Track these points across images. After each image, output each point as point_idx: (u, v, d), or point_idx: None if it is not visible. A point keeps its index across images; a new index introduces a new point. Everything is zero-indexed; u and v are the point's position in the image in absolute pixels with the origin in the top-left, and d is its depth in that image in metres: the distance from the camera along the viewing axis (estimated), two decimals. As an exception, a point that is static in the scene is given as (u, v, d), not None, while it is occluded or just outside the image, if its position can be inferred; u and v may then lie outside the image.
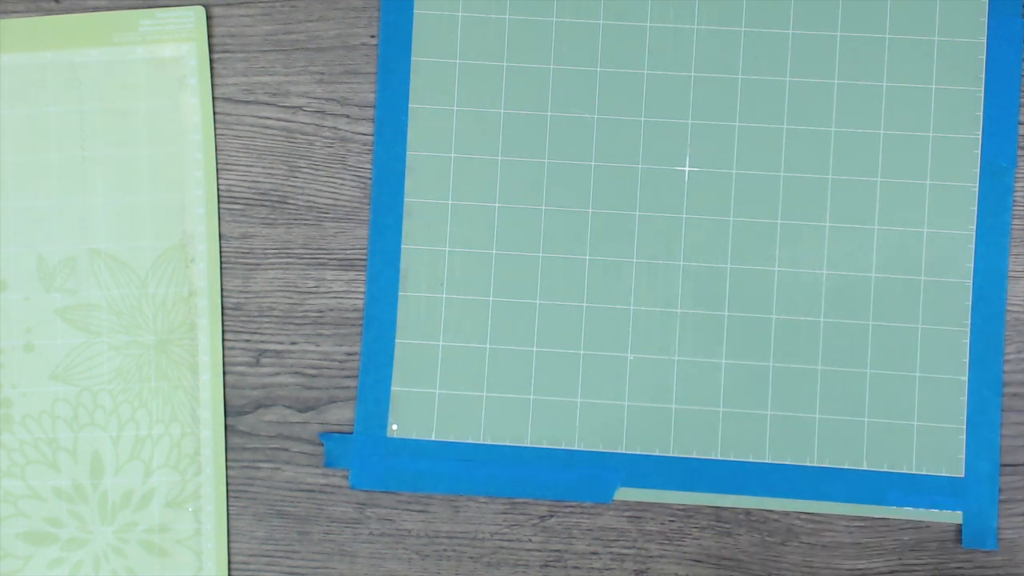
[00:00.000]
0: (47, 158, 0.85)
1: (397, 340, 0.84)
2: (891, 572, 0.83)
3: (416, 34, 0.84)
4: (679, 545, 0.83)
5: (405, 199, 0.84)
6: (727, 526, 0.83)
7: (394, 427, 0.83)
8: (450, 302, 0.84)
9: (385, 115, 0.84)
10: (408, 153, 0.84)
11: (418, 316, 0.84)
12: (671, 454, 0.83)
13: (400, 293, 0.84)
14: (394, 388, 0.84)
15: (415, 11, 0.84)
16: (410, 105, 0.84)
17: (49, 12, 0.85)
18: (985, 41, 0.83)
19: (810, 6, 0.83)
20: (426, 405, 0.84)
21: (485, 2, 0.84)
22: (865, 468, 0.82)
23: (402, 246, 0.84)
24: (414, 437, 0.84)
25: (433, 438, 0.83)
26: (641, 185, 0.83)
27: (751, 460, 0.83)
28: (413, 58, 0.84)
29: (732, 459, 0.83)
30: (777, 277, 0.83)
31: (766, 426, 0.83)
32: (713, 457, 0.83)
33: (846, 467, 0.82)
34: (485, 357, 0.83)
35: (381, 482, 0.84)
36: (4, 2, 0.85)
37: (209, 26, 0.85)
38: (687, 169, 0.83)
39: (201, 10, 0.85)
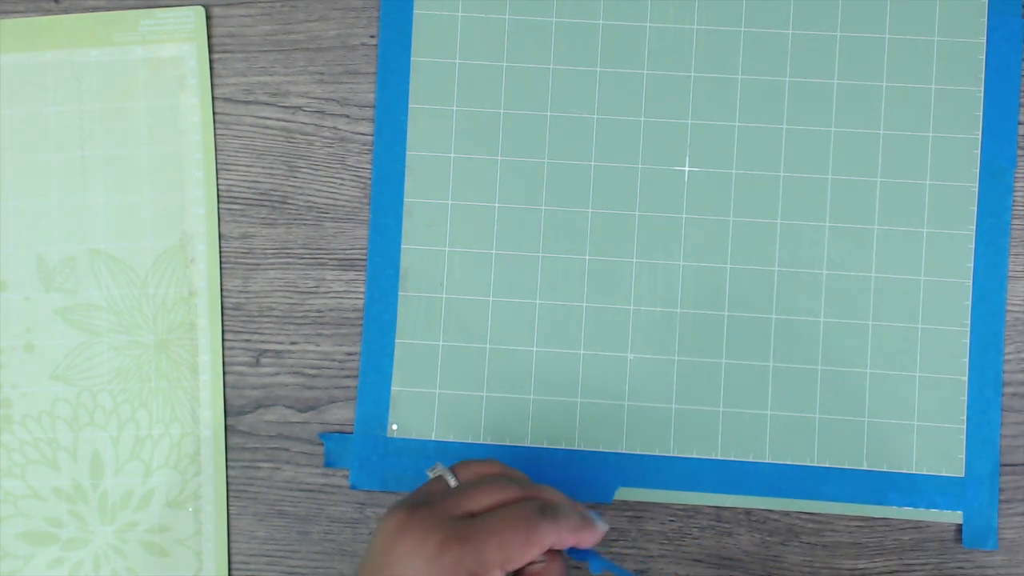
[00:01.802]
0: (47, 158, 0.85)
1: (397, 340, 0.84)
2: (891, 572, 0.83)
3: (416, 34, 0.84)
4: (679, 545, 0.84)
5: (405, 199, 0.84)
6: (727, 526, 0.83)
7: (394, 427, 0.83)
8: (450, 302, 0.84)
9: (385, 115, 0.84)
10: (408, 153, 0.84)
11: (418, 316, 0.84)
12: (671, 454, 0.83)
13: (400, 293, 0.84)
14: (394, 388, 0.84)
15: (415, 11, 0.84)
16: (410, 105, 0.84)
17: (49, 12, 0.85)
18: (985, 41, 0.83)
19: (810, 6, 0.83)
20: (426, 405, 0.84)
21: (485, 2, 0.84)
22: (865, 468, 0.82)
23: (402, 246, 0.84)
24: (414, 437, 0.84)
25: (433, 438, 0.83)
26: (641, 185, 0.83)
27: (751, 460, 0.83)
28: (413, 58, 0.84)
29: (732, 459, 0.83)
30: (777, 277, 0.83)
31: (766, 426, 0.83)
32: (713, 457, 0.83)
33: (846, 467, 0.82)
34: (485, 357, 0.83)
35: (381, 482, 0.84)
36: (4, 2, 0.85)
37: (209, 26, 0.85)
38: (687, 169, 0.83)
39: (201, 10, 0.85)
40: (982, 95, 0.83)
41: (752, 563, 0.83)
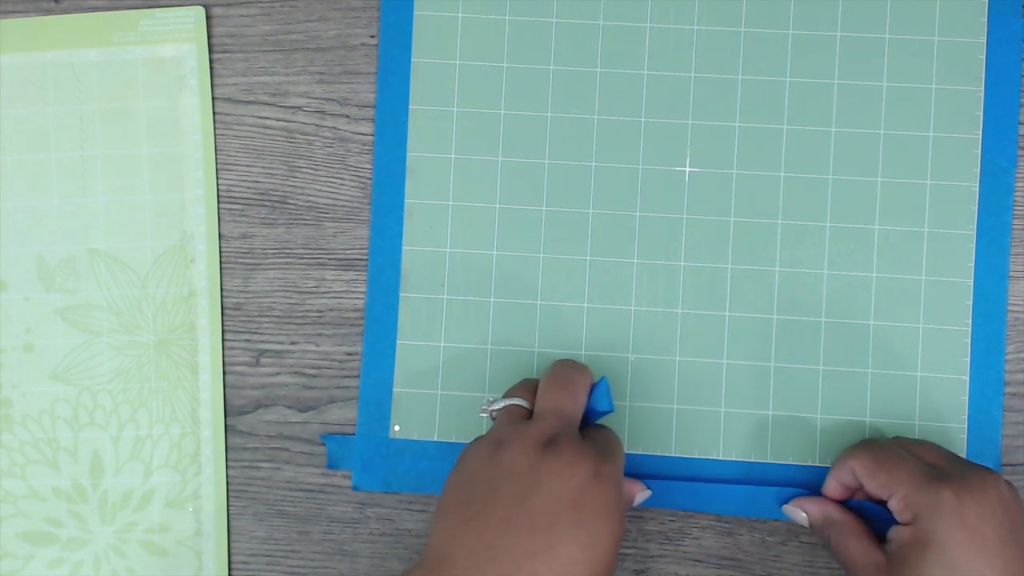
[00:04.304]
0: (47, 158, 0.85)
1: (398, 341, 0.84)
2: (891, 572, 0.83)
3: (416, 35, 0.84)
4: (679, 545, 0.83)
5: (406, 200, 0.84)
6: (727, 526, 0.83)
7: (396, 428, 0.83)
8: (451, 303, 0.84)
9: (385, 116, 0.84)
10: (408, 154, 0.84)
11: (419, 317, 0.84)
12: (672, 454, 0.83)
13: (401, 294, 0.84)
14: (396, 389, 0.83)
15: (415, 12, 0.84)
16: (410, 106, 0.84)
17: (49, 12, 0.85)
18: (985, 41, 0.83)
19: (810, 6, 0.83)
20: (428, 406, 0.84)
21: (485, 3, 0.84)
22: (866, 467, 0.82)
23: (403, 247, 0.84)
24: (416, 438, 0.83)
25: (435, 439, 0.83)
26: (641, 186, 0.83)
27: (753, 460, 0.83)
28: (413, 59, 0.84)
29: (734, 459, 0.83)
30: (778, 277, 0.83)
31: (768, 426, 0.83)
32: (715, 457, 0.83)
33: (846, 466, 0.82)
34: (487, 358, 0.83)
35: (384, 483, 0.83)
36: (4, 2, 0.85)
37: (209, 26, 0.85)
38: (687, 170, 0.83)
39: (201, 10, 0.85)
40: (982, 95, 0.83)
41: (752, 563, 0.83)
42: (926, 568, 0.69)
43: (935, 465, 0.74)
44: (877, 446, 0.77)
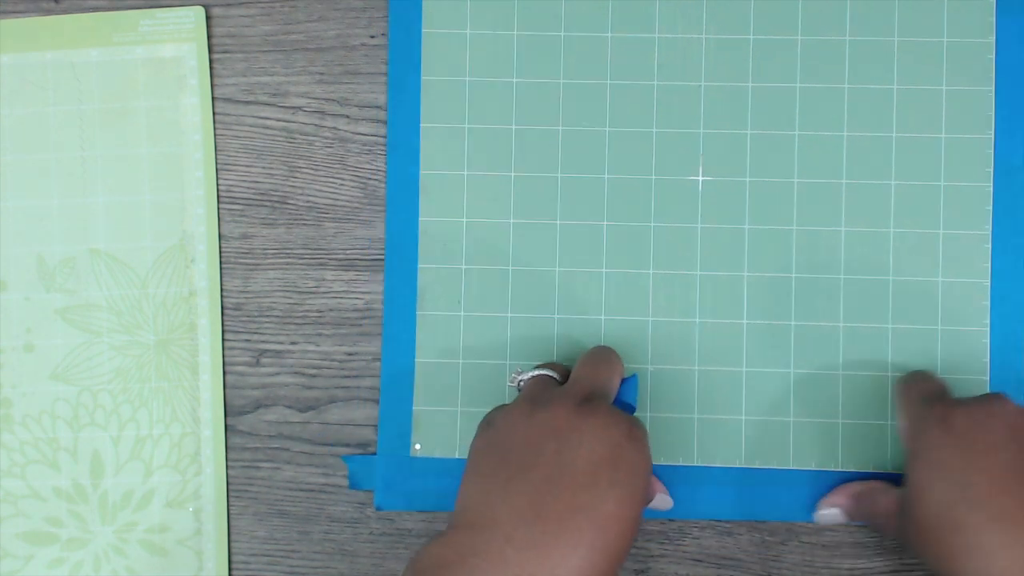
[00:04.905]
0: (47, 158, 0.84)
1: (417, 359, 0.83)
2: (891, 572, 0.83)
3: (425, 53, 0.84)
4: (679, 545, 0.84)
5: (420, 218, 0.84)
6: (727, 526, 0.83)
7: (417, 447, 0.83)
8: (468, 319, 0.83)
9: (397, 134, 0.84)
10: (421, 172, 0.84)
11: (437, 334, 0.83)
12: (695, 463, 0.83)
13: (418, 312, 0.83)
14: (416, 408, 0.83)
15: (424, 30, 0.84)
16: (422, 125, 0.84)
17: (49, 12, 0.85)
18: (994, 40, 0.83)
19: (818, 11, 0.83)
20: (448, 423, 0.83)
21: (493, 19, 0.84)
22: (890, 471, 0.82)
23: (419, 265, 0.83)
24: (438, 456, 0.83)
25: (457, 456, 0.83)
26: (655, 196, 0.83)
27: (775, 467, 0.82)
28: (423, 77, 0.84)
29: (757, 467, 0.83)
30: (795, 283, 0.82)
31: (789, 432, 0.82)
32: (737, 465, 0.83)
33: (870, 470, 0.82)
34: (506, 373, 0.83)
35: (406, 502, 0.83)
36: (4, 2, 0.85)
37: (209, 26, 0.85)
38: (700, 178, 0.83)
39: (201, 10, 0.85)
40: (993, 94, 0.83)
41: (752, 563, 0.83)
42: (915, 475, 0.71)
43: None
44: (916, 371, 0.80)
